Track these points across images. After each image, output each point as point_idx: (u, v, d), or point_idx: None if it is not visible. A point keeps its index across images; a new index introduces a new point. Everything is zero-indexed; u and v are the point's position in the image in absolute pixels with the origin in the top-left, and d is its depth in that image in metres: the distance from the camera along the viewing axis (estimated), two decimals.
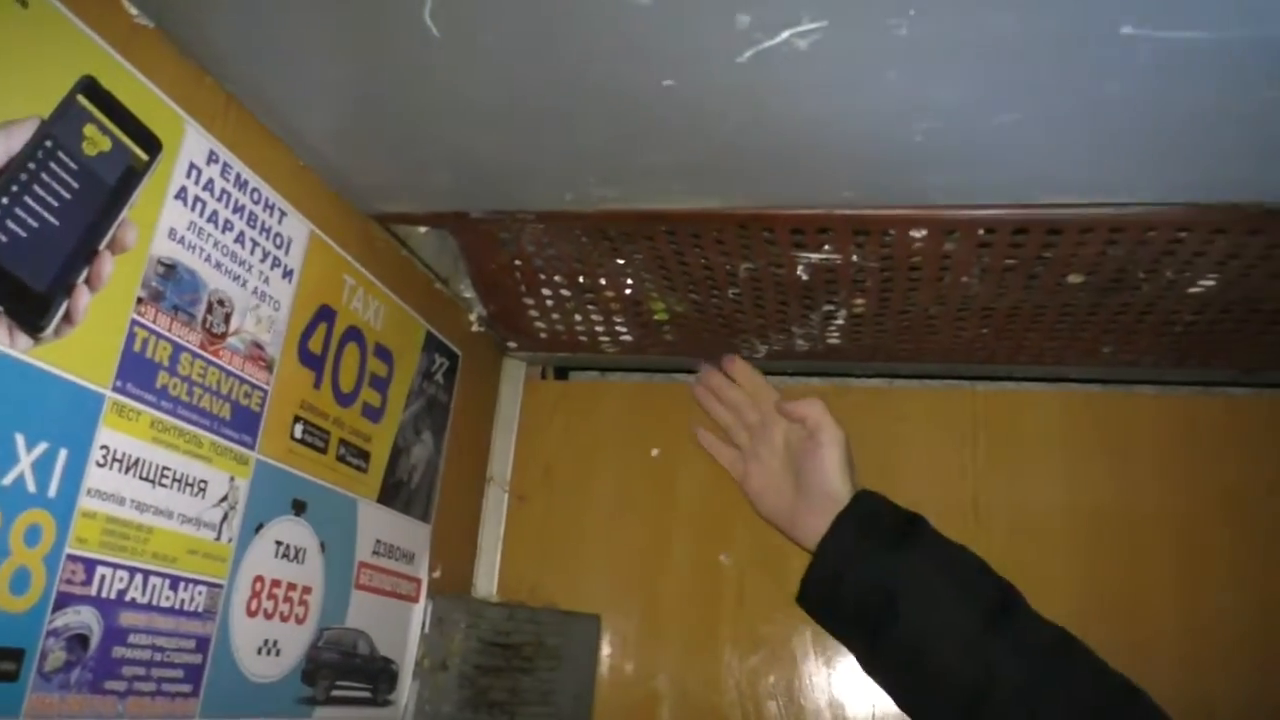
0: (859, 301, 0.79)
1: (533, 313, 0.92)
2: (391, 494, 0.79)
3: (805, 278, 0.75)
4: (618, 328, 0.93)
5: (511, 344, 0.99)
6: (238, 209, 0.61)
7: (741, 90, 0.53)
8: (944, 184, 0.61)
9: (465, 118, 0.60)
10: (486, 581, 0.96)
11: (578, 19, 0.49)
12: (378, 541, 0.77)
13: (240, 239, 0.61)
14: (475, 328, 0.93)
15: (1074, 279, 0.72)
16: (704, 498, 0.96)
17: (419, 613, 0.83)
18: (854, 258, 0.71)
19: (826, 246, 0.70)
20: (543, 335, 0.96)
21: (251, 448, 0.62)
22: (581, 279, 0.85)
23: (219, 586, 0.60)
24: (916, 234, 0.66)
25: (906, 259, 0.70)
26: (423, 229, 0.82)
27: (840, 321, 0.83)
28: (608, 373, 1.06)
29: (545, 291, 0.88)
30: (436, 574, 0.86)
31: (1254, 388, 0.92)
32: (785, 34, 0.48)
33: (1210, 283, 0.72)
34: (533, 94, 0.56)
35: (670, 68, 0.52)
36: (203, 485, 0.58)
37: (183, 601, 0.57)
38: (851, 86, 0.52)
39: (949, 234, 0.66)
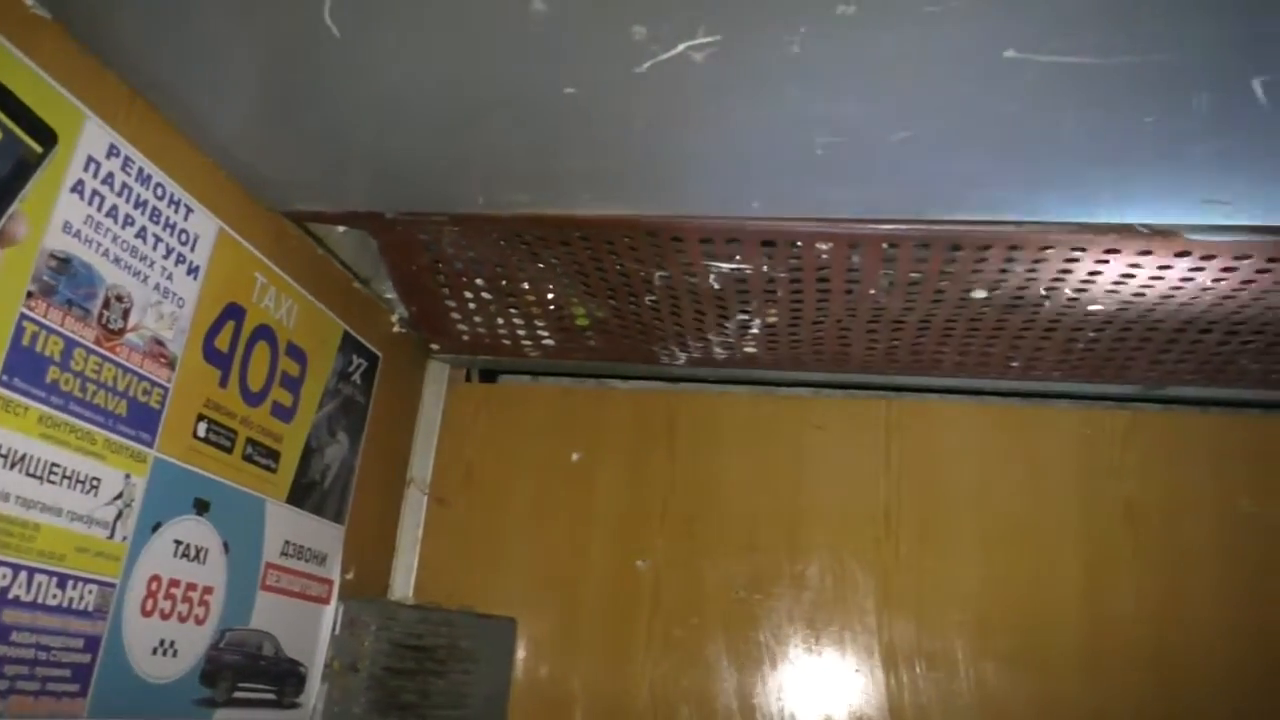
0: (772, 311, 0.80)
1: (455, 315, 0.92)
2: (303, 495, 0.78)
3: (718, 286, 0.76)
4: (540, 332, 0.93)
5: (435, 346, 0.99)
6: (139, 204, 0.60)
7: (642, 100, 0.54)
8: (847, 198, 0.62)
9: (373, 119, 0.60)
10: (403, 584, 0.96)
11: (474, 24, 0.49)
12: (287, 542, 0.77)
13: (142, 234, 0.60)
14: (397, 329, 0.93)
15: (978, 294, 0.74)
16: (622, 503, 0.97)
17: (330, 615, 0.83)
18: (764, 268, 0.72)
19: (736, 257, 0.71)
20: (465, 338, 0.96)
21: (150, 445, 0.62)
22: (503, 282, 0.85)
23: (111, 585, 0.59)
24: (823, 246, 0.67)
25: (815, 271, 0.71)
26: (341, 229, 0.82)
27: (755, 331, 0.84)
28: (539, 377, 1.06)
29: (467, 294, 0.88)
30: (350, 576, 0.86)
31: (1156, 403, 0.94)
32: (681, 47, 0.49)
33: (1109, 300, 0.74)
34: (437, 97, 0.56)
35: (571, 76, 0.53)
36: (95, 483, 0.57)
37: (71, 600, 0.56)
38: (750, 100, 0.53)
39: (854, 247, 0.67)
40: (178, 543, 0.65)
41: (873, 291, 0.74)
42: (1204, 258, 0.64)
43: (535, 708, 0.92)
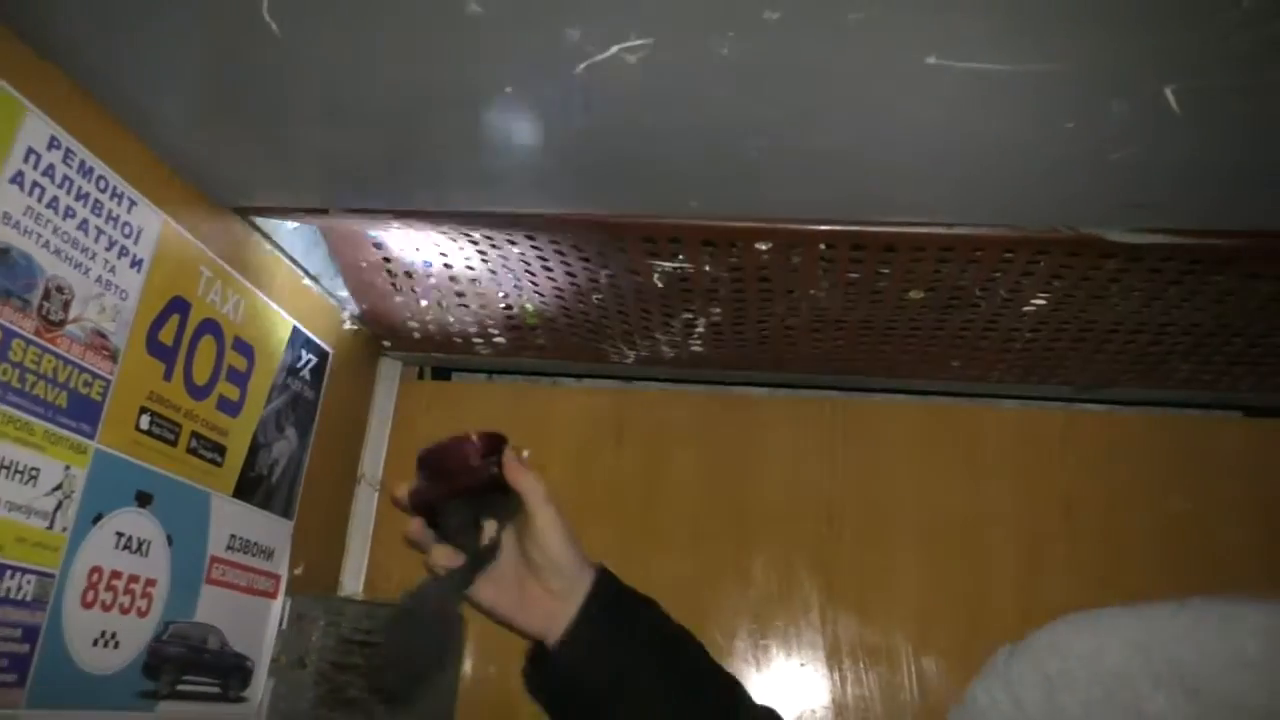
0: (716, 311, 0.81)
1: (405, 313, 0.93)
2: (249, 489, 0.79)
3: (661, 285, 0.77)
4: (490, 330, 0.94)
5: (386, 343, 0.99)
6: (81, 196, 0.60)
7: (579, 100, 0.55)
8: (783, 199, 0.64)
9: (316, 115, 0.61)
10: (353, 580, 0.96)
11: (412, 23, 0.50)
12: (232, 536, 0.77)
13: (83, 226, 0.61)
14: (348, 326, 0.94)
15: (915, 295, 0.76)
16: (571, 500, 0.97)
17: (277, 609, 0.83)
18: (706, 268, 0.73)
19: (679, 256, 0.72)
20: (416, 335, 0.97)
21: (91, 437, 0.62)
22: (452, 280, 0.86)
23: (50, 576, 0.59)
24: (762, 246, 0.69)
25: (756, 270, 0.73)
26: (291, 225, 0.82)
27: (701, 330, 0.86)
28: (494, 375, 1.07)
29: (417, 292, 0.89)
30: (298, 571, 0.86)
31: (1093, 404, 0.97)
32: (614, 49, 0.50)
33: (1042, 301, 0.76)
34: (378, 95, 0.57)
35: (509, 75, 0.54)
36: (34, 473, 0.57)
37: (9, 590, 0.56)
38: (684, 101, 0.54)
39: (792, 248, 0.69)
40: (120, 534, 0.65)
41: (813, 291, 0.76)
42: (1130, 259, 0.66)
43: (483, 704, 0.93)
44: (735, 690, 0.75)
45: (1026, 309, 0.77)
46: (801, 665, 0.91)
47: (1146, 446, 0.95)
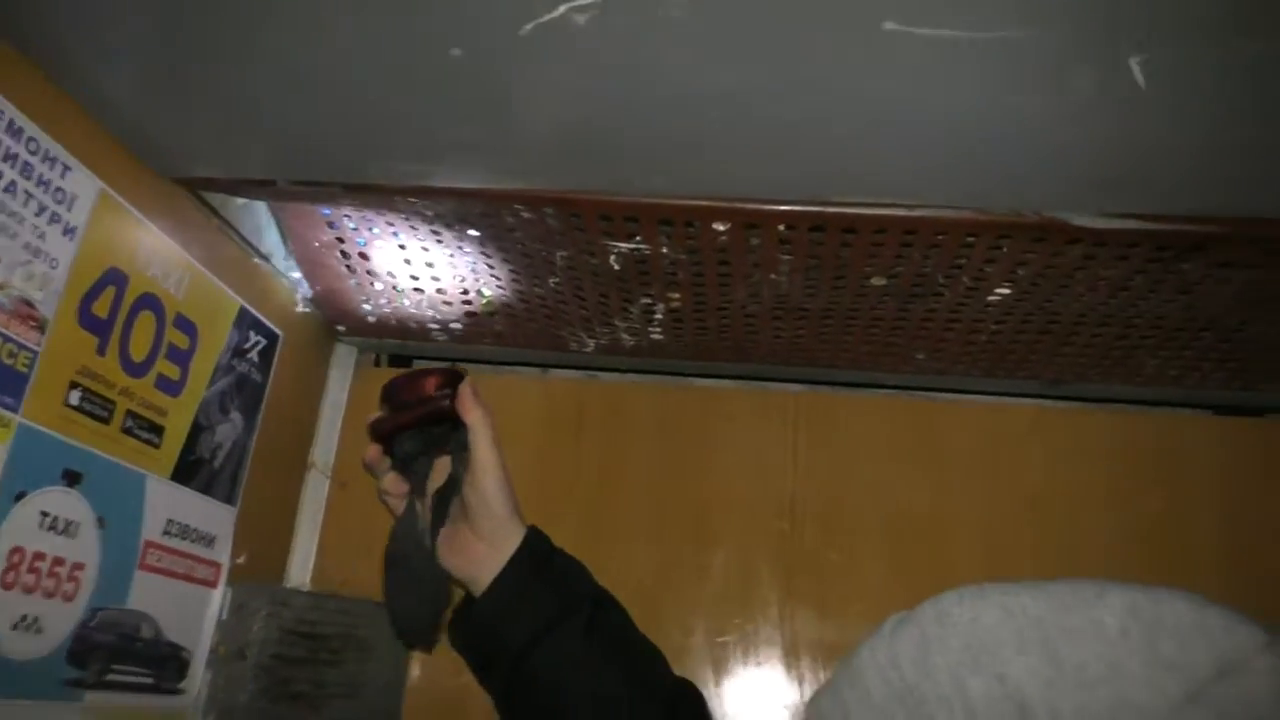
0: (675, 296, 0.79)
1: (359, 296, 0.90)
2: (189, 472, 0.76)
3: (619, 268, 0.75)
4: (447, 316, 0.92)
5: (341, 328, 0.97)
6: (9, 157, 0.58)
7: (528, 64, 0.53)
8: (741, 176, 0.62)
9: (262, 83, 0.58)
10: (301, 570, 0.93)
11: None
12: (170, 521, 0.74)
13: (11, 189, 0.58)
14: (300, 308, 0.91)
15: (877, 281, 0.74)
16: (528, 491, 0.95)
17: (217, 599, 0.80)
18: (664, 249, 0.71)
19: (636, 237, 0.70)
20: (371, 320, 0.94)
21: (14, 410, 0.59)
22: (407, 262, 0.83)
23: None
24: (720, 226, 0.67)
25: (715, 253, 0.71)
26: (241, 201, 0.80)
27: (660, 316, 0.84)
28: (457, 363, 1.04)
29: (371, 274, 0.86)
30: (241, 560, 0.83)
31: (1058, 400, 0.96)
32: (562, 8, 0.48)
33: (1006, 291, 0.75)
34: (325, 61, 0.55)
35: (455, 36, 0.52)
36: None
37: None
38: (636, 67, 0.52)
39: (751, 228, 0.67)
40: (44, 514, 0.62)
41: (774, 276, 0.74)
42: (1095, 245, 0.65)
43: (432, 699, 0.91)
44: (656, 661, 0.75)
45: (991, 299, 0.76)
46: (759, 664, 0.89)
47: (1114, 444, 0.94)
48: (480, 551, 0.77)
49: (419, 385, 0.79)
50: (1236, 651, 0.41)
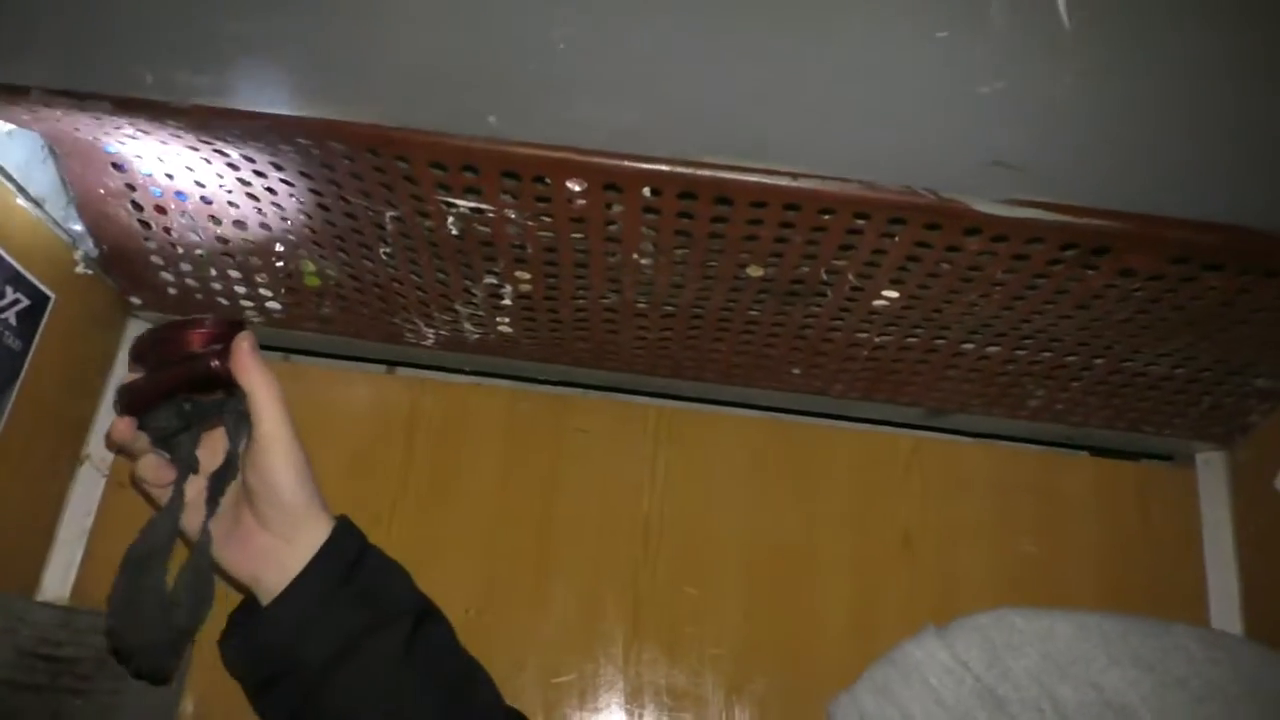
0: (524, 276, 0.69)
1: (156, 260, 0.77)
2: None
3: (458, 235, 0.64)
4: (263, 292, 0.79)
5: (136, 300, 0.83)
6: None
7: None
8: (597, 120, 0.52)
9: None
10: (59, 581, 0.78)
11: None
12: None
13: None
14: (81, 269, 0.77)
15: (754, 272, 0.65)
16: (344, 500, 0.82)
17: None
18: (509, 213, 0.61)
19: (477, 193, 0.59)
20: (172, 292, 0.81)
21: None
22: (213, 220, 0.71)
23: None
24: (575, 186, 0.57)
25: (568, 220, 0.61)
26: (5, 126, 0.66)
27: (508, 302, 0.73)
28: (290, 355, 0.90)
29: (171, 234, 0.73)
30: None
31: (936, 431, 0.89)
32: None
33: (893, 295, 0.67)
34: None
35: None
36: None
37: None
38: None
39: (609, 189, 0.57)
40: None
41: (637, 256, 0.64)
42: (994, 239, 0.58)
43: None
44: (483, 688, 0.66)
45: (877, 303, 0.68)
46: (598, 710, 0.78)
47: (990, 481, 0.87)
48: (266, 545, 0.64)
49: (182, 339, 0.64)
50: None
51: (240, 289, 0.79)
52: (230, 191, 0.67)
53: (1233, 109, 0.47)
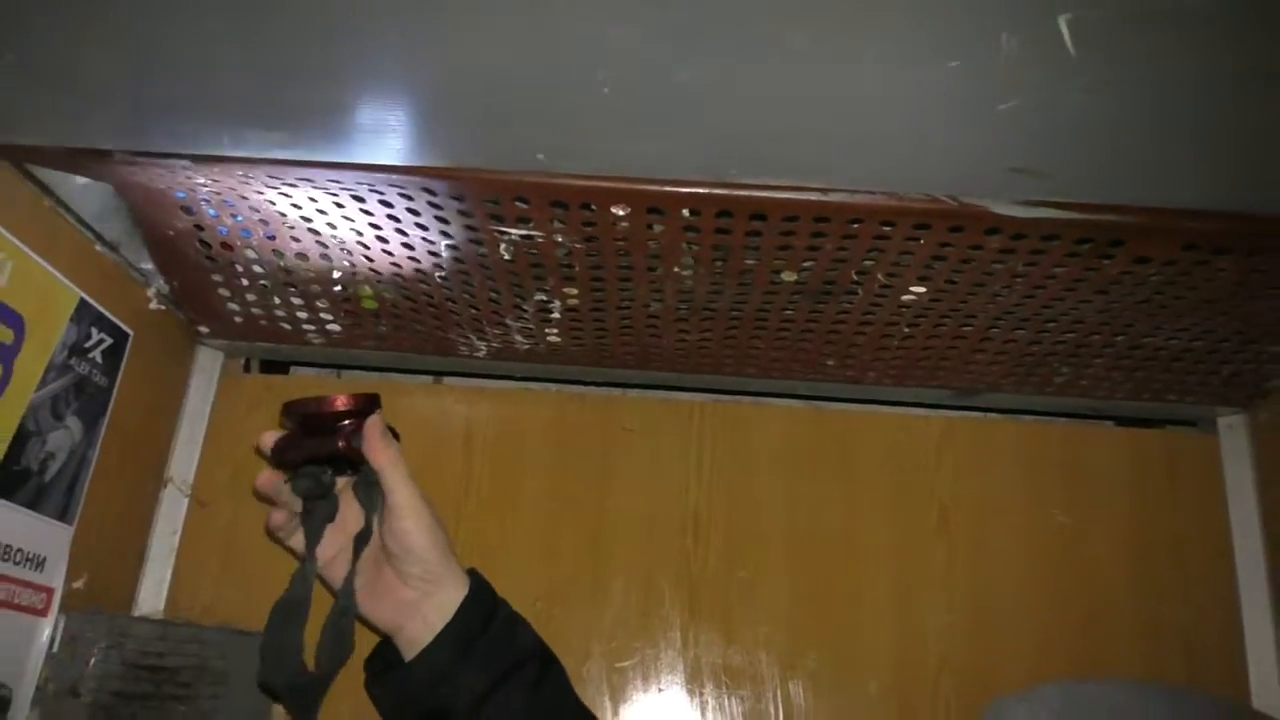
0: (572, 292, 0.73)
1: (223, 292, 0.82)
2: (12, 485, 0.66)
3: (510, 258, 0.69)
4: (323, 316, 0.84)
5: (204, 329, 0.88)
6: None
7: (395, 15, 0.46)
8: (641, 152, 0.56)
9: (87, 33, 0.50)
10: (153, 596, 0.84)
11: None
12: None
13: None
14: (155, 305, 0.82)
15: (787, 277, 0.69)
16: None
17: (47, 629, 0.71)
18: (558, 237, 0.65)
19: (527, 221, 0.64)
20: (238, 320, 0.86)
21: None
22: (276, 254, 0.75)
23: None
24: (619, 211, 0.61)
25: (613, 243, 0.65)
26: (81, 180, 0.71)
27: (557, 315, 0.77)
28: (342, 370, 0.96)
29: (237, 267, 0.78)
30: (79, 584, 0.74)
31: (967, 410, 0.93)
32: None
33: (921, 290, 0.71)
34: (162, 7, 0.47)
35: None
36: None
37: None
38: (523, 18, 0.46)
39: (652, 213, 0.61)
40: None
41: (677, 270, 0.69)
42: (1014, 237, 0.61)
43: None
44: None
45: (905, 298, 0.72)
46: (661, 691, 0.83)
47: (1021, 455, 0.91)
48: (408, 599, 0.70)
49: (321, 414, 0.72)
50: None
51: (302, 315, 0.84)
52: (293, 228, 0.71)
53: (1232, 111, 0.50)
